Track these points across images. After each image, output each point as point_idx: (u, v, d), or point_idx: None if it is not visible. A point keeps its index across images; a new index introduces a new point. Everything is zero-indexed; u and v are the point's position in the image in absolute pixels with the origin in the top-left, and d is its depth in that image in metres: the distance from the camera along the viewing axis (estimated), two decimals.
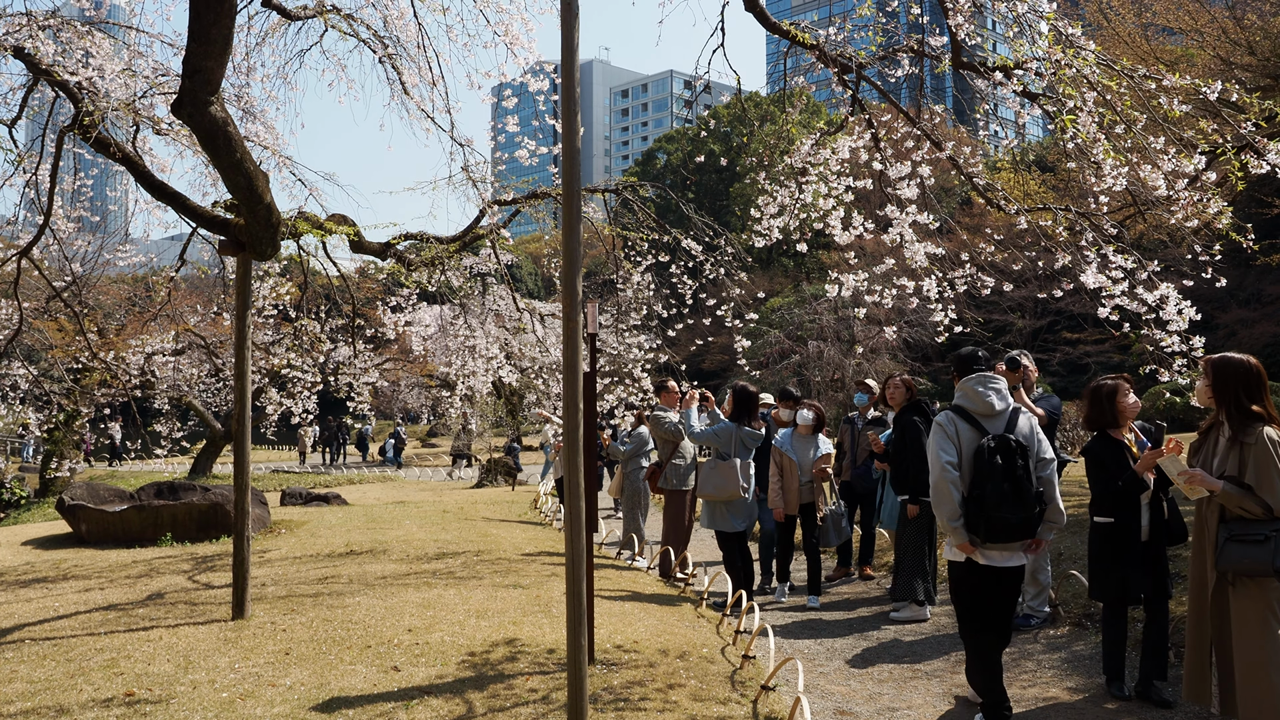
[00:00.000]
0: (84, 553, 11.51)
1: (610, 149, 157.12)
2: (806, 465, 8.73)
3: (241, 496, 7.37)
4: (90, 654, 6.12)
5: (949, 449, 5.13)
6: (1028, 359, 7.41)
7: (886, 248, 7.29)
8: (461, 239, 11.02)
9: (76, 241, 16.33)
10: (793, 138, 8.46)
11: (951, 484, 5.05)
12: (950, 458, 5.09)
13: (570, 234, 4.19)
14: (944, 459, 5.08)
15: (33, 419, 16.70)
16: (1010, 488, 4.98)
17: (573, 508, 4.25)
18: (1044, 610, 7.35)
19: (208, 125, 6.16)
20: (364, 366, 13.79)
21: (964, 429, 5.18)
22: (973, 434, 5.17)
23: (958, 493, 5.05)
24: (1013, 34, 6.40)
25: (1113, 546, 5.63)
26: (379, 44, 8.34)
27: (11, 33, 7.84)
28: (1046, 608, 7.36)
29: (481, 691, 5.21)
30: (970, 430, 5.18)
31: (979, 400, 5.23)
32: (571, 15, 4.19)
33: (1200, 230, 7.07)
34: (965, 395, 5.29)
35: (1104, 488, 5.64)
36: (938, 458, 5.11)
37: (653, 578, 9.27)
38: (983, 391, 5.22)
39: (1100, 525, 5.71)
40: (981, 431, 5.16)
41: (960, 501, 5.04)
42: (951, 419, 5.22)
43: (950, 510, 5.03)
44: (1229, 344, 28.19)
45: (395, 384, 35.09)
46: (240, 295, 7.52)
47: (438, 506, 15.70)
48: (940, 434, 5.19)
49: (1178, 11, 15.58)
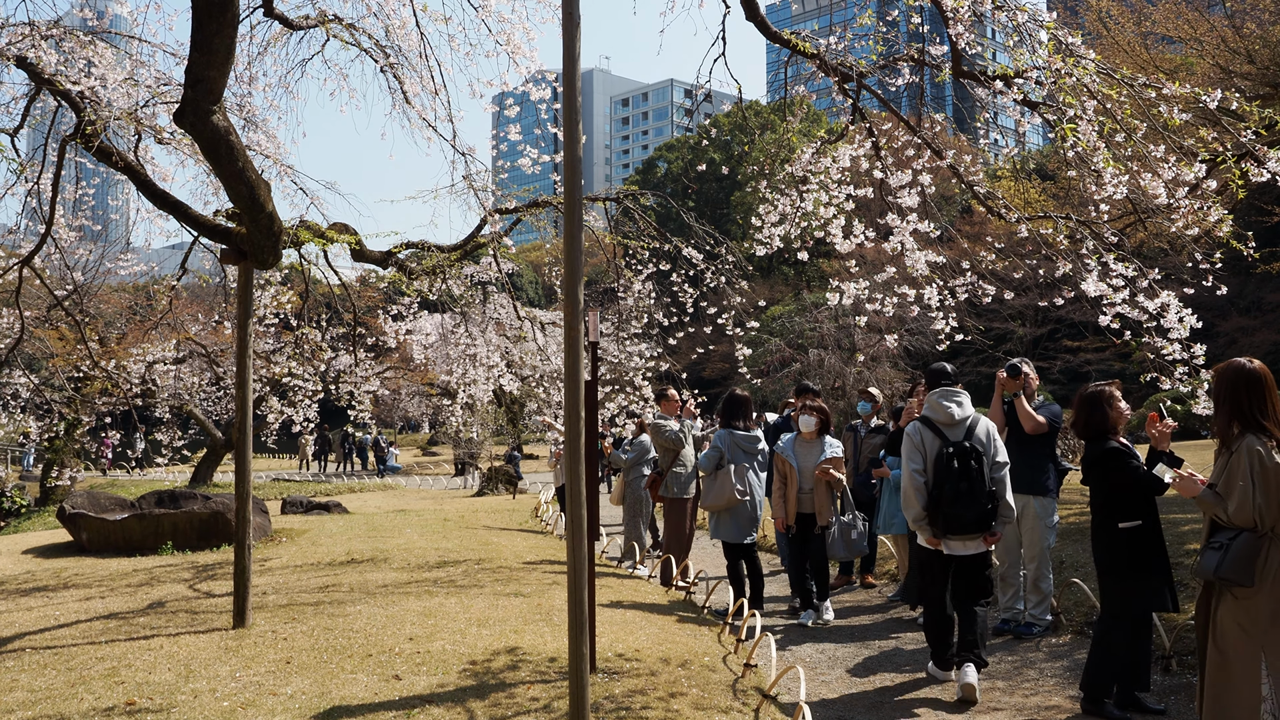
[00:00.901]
0: (85, 561, 11.50)
1: (611, 157, 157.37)
2: (808, 471, 8.02)
3: (243, 505, 7.37)
4: (91, 663, 6.12)
5: (916, 458, 6.01)
6: (1028, 366, 7.41)
7: (887, 256, 7.31)
8: (463, 247, 11.04)
9: (78, 250, 16.33)
10: (793, 146, 8.48)
11: (916, 490, 5.94)
12: (917, 465, 5.99)
13: (571, 242, 4.20)
14: (911, 467, 6.00)
15: (33, 427, 16.71)
16: (966, 487, 5.82)
17: (574, 516, 4.25)
18: (1046, 619, 7.31)
19: (210, 134, 6.17)
20: (365, 375, 13.79)
21: (929, 437, 6.04)
22: (936, 441, 6.01)
23: (923, 497, 5.92)
24: (1013, 43, 6.41)
25: (1144, 553, 5.40)
26: (381, 53, 8.36)
27: (14, 43, 7.87)
28: (1049, 616, 7.33)
29: (483, 700, 5.20)
30: (934, 438, 6.03)
31: (942, 411, 6.07)
32: (573, 24, 4.21)
33: (1201, 238, 7.07)
34: (931, 407, 6.15)
35: (1127, 490, 5.43)
36: (907, 465, 6.02)
37: (654, 586, 9.25)
38: (945, 404, 6.06)
39: (1126, 532, 5.41)
40: (945, 439, 5.99)
41: (925, 503, 5.92)
42: (918, 429, 6.09)
43: (916, 512, 5.95)
44: (1230, 351, 28.17)
45: (396, 392, 35.13)
46: (242, 304, 7.53)
47: (439, 515, 15.69)
48: (909, 444, 6.07)
49: (1177, 20, 15.61)
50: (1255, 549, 4.27)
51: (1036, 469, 7.23)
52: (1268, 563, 4.27)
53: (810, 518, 8.01)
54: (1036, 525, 7.22)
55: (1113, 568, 5.48)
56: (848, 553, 8.02)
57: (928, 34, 7.24)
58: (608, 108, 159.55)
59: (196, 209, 7.98)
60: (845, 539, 7.93)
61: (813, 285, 43.15)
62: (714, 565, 11.02)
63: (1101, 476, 5.55)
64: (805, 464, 8.05)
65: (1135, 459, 5.50)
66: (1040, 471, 7.24)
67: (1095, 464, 5.57)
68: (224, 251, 7.63)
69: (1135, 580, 5.41)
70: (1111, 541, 5.48)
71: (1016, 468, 7.06)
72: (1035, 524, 7.22)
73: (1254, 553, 4.26)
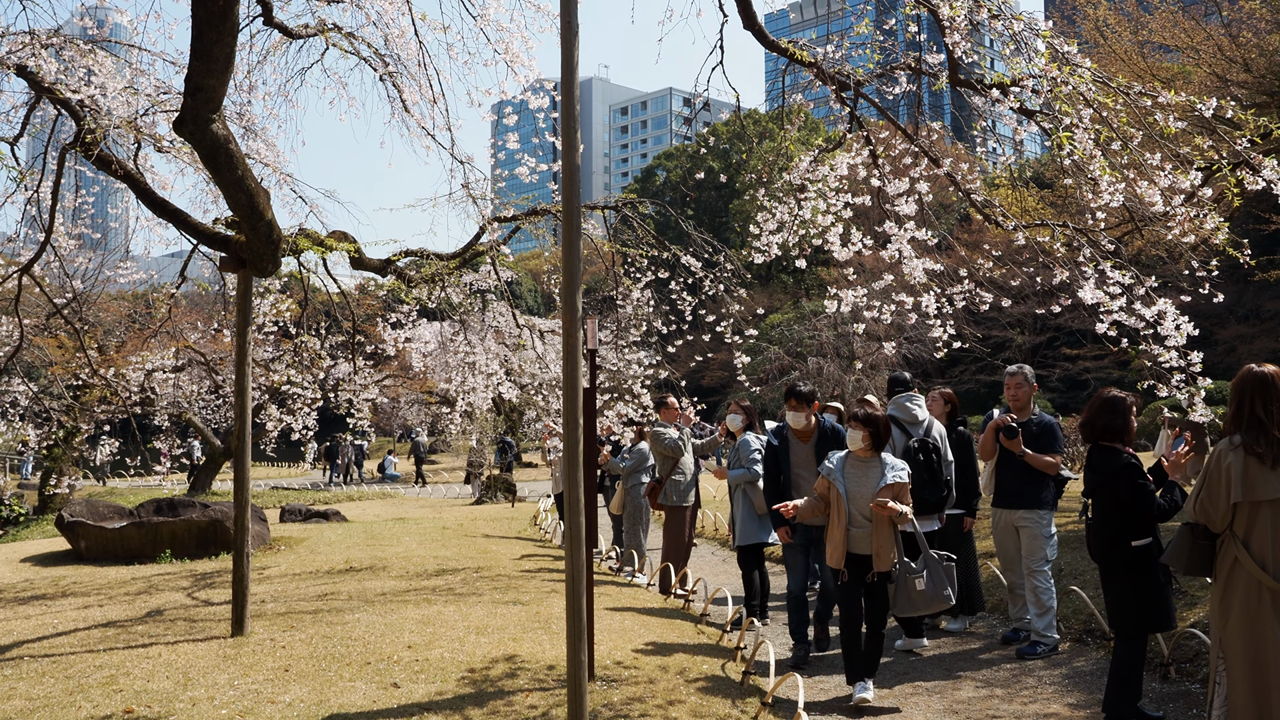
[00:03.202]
0: (83, 569, 11.49)
1: (610, 166, 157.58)
2: (861, 500, 5.93)
3: (241, 513, 7.37)
4: (89, 671, 6.11)
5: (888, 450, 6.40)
6: (1026, 373, 7.34)
7: (885, 264, 7.31)
8: (461, 255, 11.04)
9: (77, 258, 16.35)
10: (791, 154, 8.50)
11: None
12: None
13: (570, 250, 4.22)
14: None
15: (32, 435, 16.69)
16: (928, 476, 7.04)
17: (573, 524, 4.26)
18: (1052, 637, 6.90)
19: (209, 143, 6.19)
20: (364, 383, 13.78)
21: (896, 434, 7.13)
22: (902, 437, 7.22)
23: None
24: (1009, 51, 6.43)
25: (1157, 571, 5.24)
26: (380, 62, 8.38)
27: (14, 51, 7.88)
28: (1054, 635, 6.93)
29: (481, 708, 5.19)
30: (901, 434, 7.21)
31: (907, 412, 7.33)
32: (571, 33, 4.23)
33: (1198, 246, 7.09)
34: (898, 408, 7.32)
35: (1146, 505, 5.22)
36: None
37: (653, 594, 9.24)
38: (910, 406, 7.36)
39: (1140, 550, 5.26)
40: (908, 435, 7.24)
41: None
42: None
43: None
44: (1228, 359, 28.21)
45: (395, 400, 35.07)
46: (241, 312, 7.54)
47: (437, 523, 15.68)
48: None
49: (1174, 29, 15.68)
50: (1186, 542, 4.53)
51: (1036, 483, 7.07)
52: (1221, 561, 4.43)
53: (865, 560, 5.96)
54: (1036, 539, 7.02)
55: (1129, 589, 5.30)
56: (911, 605, 6.00)
57: (925, 43, 7.25)
58: (606, 116, 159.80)
59: (196, 217, 8.00)
60: (907, 590, 5.96)
61: (811, 293, 43.23)
62: (713, 574, 11.02)
63: (1111, 495, 5.33)
64: (856, 490, 5.99)
65: (1149, 482, 5.27)
66: (1040, 486, 7.08)
67: (1107, 482, 5.35)
68: (223, 259, 7.64)
69: (1151, 601, 5.26)
70: (1126, 561, 5.30)
71: (1015, 484, 7.07)
72: (1035, 538, 7.02)
73: (1184, 545, 4.54)
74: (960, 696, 6.10)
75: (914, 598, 5.93)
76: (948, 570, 6.07)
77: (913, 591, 5.93)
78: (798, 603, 7.17)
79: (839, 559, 5.96)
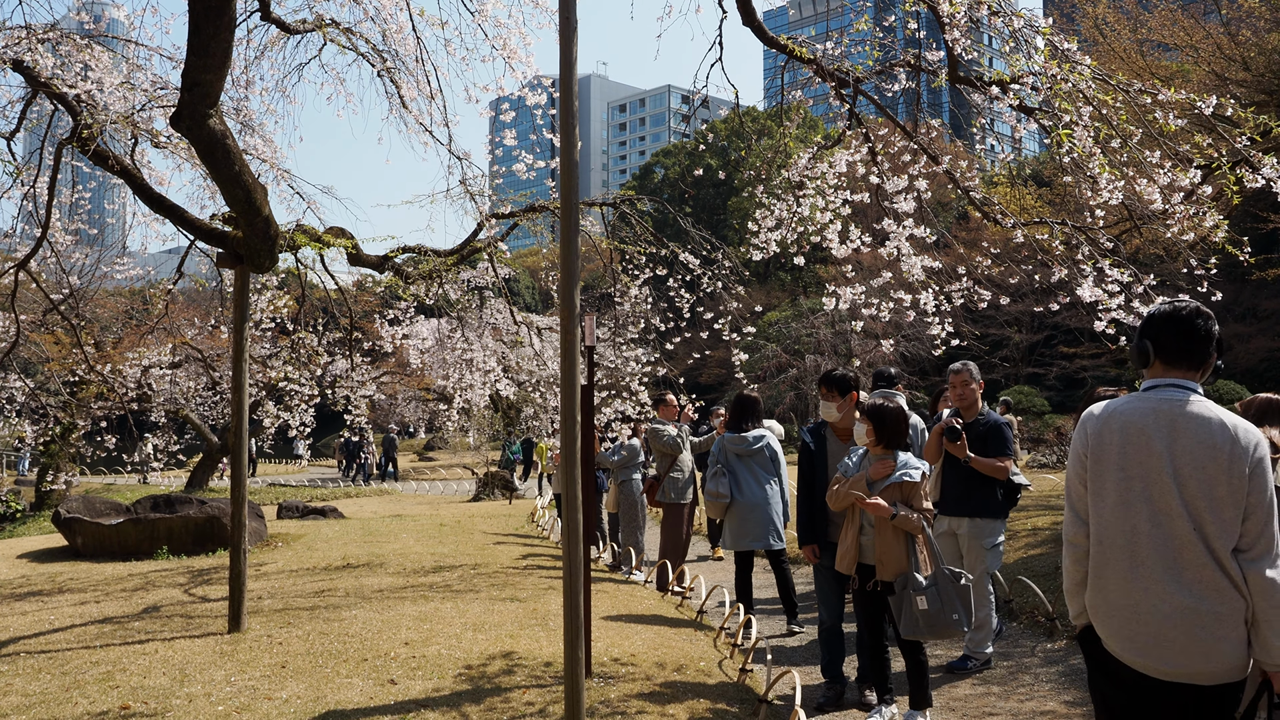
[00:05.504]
0: (80, 566, 11.47)
1: (608, 163, 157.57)
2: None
3: (238, 510, 7.36)
4: (86, 667, 6.10)
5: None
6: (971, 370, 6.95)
7: (883, 261, 7.31)
8: (459, 252, 11.03)
9: (74, 254, 16.32)
10: (790, 151, 8.49)
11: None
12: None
13: (568, 247, 4.20)
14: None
15: (29, 432, 16.67)
16: None
17: (570, 520, 4.25)
18: (985, 652, 6.68)
19: (206, 138, 6.17)
20: (361, 379, 13.78)
21: None
22: None
23: None
24: (1009, 49, 6.42)
25: None
26: (378, 58, 8.36)
27: (10, 46, 7.85)
28: (988, 649, 6.71)
29: (478, 705, 5.19)
30: None
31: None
32: (570, 30, 4.21)
33: (1196, 244, 7.08)
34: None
35: None
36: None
37: (650, 591, 9.24)
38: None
39: None
40: None
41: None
42: None
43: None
44: (1225, 358, 28.15)
45: (392, 397, 35.07)
46: (238, 308, 7.53)
47: (435, 520, 15.67)
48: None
49: (1173, 28, 15.69)
50: None
51: (983, 489, 6.68)
52: None
53: (872, 570, 5.51)
54: (977, 549, 6.64)
55: None
56: (930, 627, 5.21)
57: (924, 40, 7.25)
58: (605, 113, 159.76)
59: (193, 213, 7.97)
60: (911, 608, 5.22)
61: (809, 290, 43.20)
62: (710, 571, 11.02)
63: None
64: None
65: None
66: (987, 492, 6.68)
67: None
68: (220, 255, 7.62)
69: None
70: None
71: (960, 488, 6.73)
72: (975, 549, 6.65)
73: None
74: (957, 694, 6.10)
75: (917, 616, 5.19)
76: (961, 592, 5.24)
77: (915, 609, 5.19)
78: (831, 635, 6.24)
79: (849, 565, 5.57)
